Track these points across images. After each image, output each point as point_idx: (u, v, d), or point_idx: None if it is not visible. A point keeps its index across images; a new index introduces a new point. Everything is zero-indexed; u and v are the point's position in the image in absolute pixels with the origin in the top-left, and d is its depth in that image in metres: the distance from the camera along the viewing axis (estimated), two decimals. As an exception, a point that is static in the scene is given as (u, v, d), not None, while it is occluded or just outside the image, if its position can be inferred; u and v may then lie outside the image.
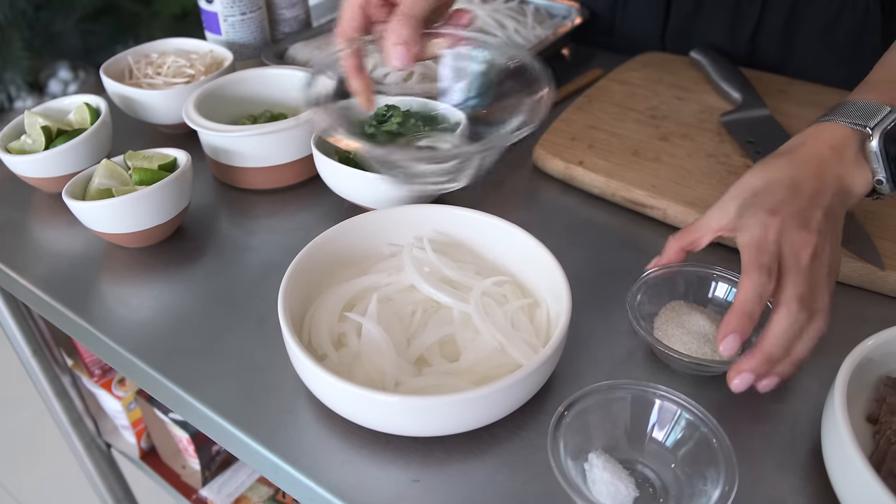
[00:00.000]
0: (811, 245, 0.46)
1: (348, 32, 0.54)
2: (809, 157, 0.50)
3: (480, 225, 0.55)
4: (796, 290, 0.45)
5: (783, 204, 0.47)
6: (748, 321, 0.45)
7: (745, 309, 0.45)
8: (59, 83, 2.21)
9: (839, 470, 0.40)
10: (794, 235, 0.46)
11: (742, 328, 0.45)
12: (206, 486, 0.90)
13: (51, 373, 0.88)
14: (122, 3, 2.20)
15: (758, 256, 0.46)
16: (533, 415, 0.48)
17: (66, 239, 0.65)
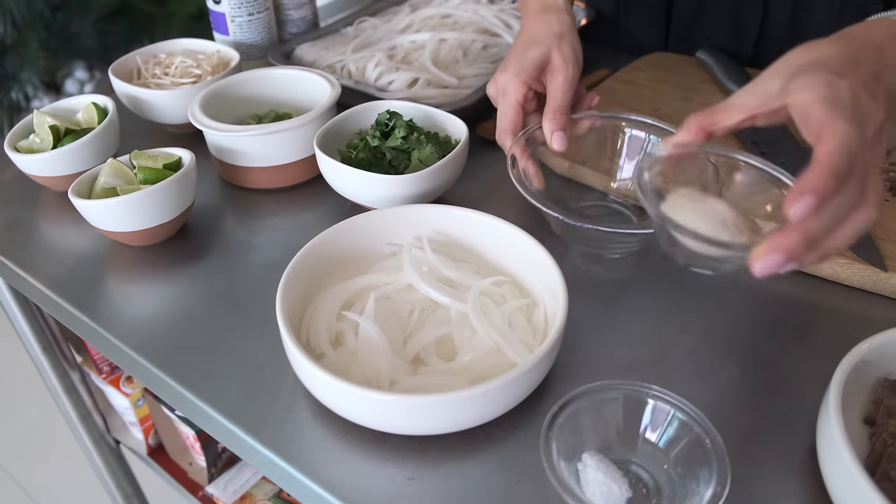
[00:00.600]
0: (878, 118, 0.40)
1: (512, 129, 0.62)
2: (866, 41, 0.44)
3: (479, 225, 0.56)
4: (858, 165, 0.38)
5: (847, 71, 0.41)
6: (833, 180, 0.36)
7: (831, 162, 0.36)
8: (76, 83, 2.24)
9: (833, 472, 0.40)
10: (866, 102, 0.39)
11: (825, 187, 0.36)
12: (213, 483, 0.91)
13: (60, 369, 0.90)
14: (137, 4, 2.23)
15: (838, 108, 0.38)
16: (528, 414, 0.48)
17: (73, 237, 0.66)
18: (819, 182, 0.36)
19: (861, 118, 0.39)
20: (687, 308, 0.56)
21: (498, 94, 0.63)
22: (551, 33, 0.63)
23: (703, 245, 0.42)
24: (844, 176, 0.37)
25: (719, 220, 0.43)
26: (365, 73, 0.79)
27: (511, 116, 0.62)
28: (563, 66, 0.61)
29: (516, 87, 0.61)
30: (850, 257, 0.56)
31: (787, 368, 0.51)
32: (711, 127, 0.44)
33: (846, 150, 0.37)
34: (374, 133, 0.64)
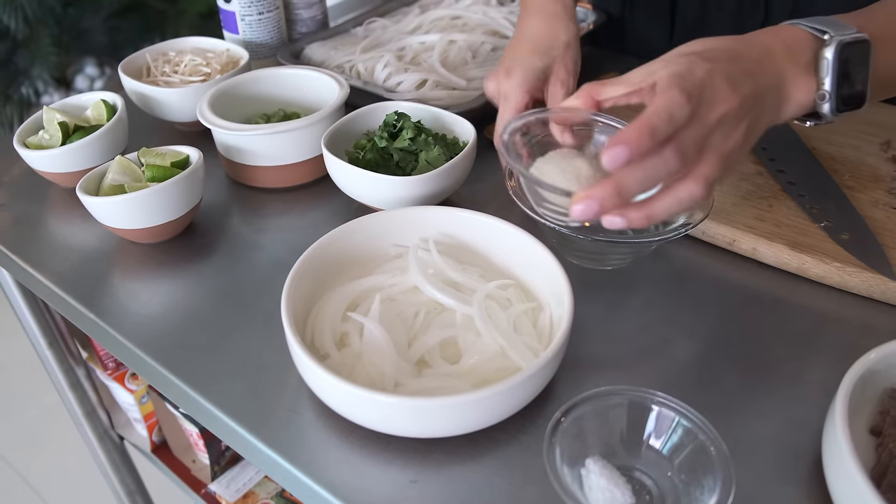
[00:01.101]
0: (728, 104, 0.42)
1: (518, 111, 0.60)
2: (759, 44, 0.47)
3: (486, 227, 0.55)
4: (686, 137, 0.41)
5: (718, 60, 0.44)
6: (648, 137, 0.39)
7: (649, 122, 0.39)
8: (86, 79, 2.25)
9: (839, 483, 0.40)
10: (718, 88, 0.42)
11: (638, 141, 0.39)
12: (216, 481, 0.91)
13: (65, 365, 0.90)
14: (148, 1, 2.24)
15: (680, 81, 0.41)
16: (532, 419, 0.48)
17: (81, 233, 0.67)
18: (632, 136, 0.39)
19: (706, 99, 0.42)
20: (692, 314, 0.56)
21: (499, 96, 0.62)
22: (559, 44, 0.62)
23: (552, 196, 0.46)
24: (662, 140, 0.40)
25: (574, 175, 0.47)
26: (374, 74, 0.79)
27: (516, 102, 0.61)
28: (566, 78, 0.61)
29: (520, 96, 0.61)
30: (859, 266, 0.56)
31: (792, 377, 0.51)
32: (598, 96, 0.47)
33: (667, 115, 0.40)
34: (381, 134, 0.64)
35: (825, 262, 0.57)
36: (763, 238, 0.59)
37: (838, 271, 0.56)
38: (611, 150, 0.39)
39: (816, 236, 0.59)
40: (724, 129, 0.43)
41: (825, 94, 0.47)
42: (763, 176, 0.66)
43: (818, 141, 0.71)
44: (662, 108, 0.40)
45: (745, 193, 0.64)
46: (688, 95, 0.41)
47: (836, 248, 0.58)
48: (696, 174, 0.42)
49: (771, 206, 0.62)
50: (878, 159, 0.69)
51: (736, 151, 0.44)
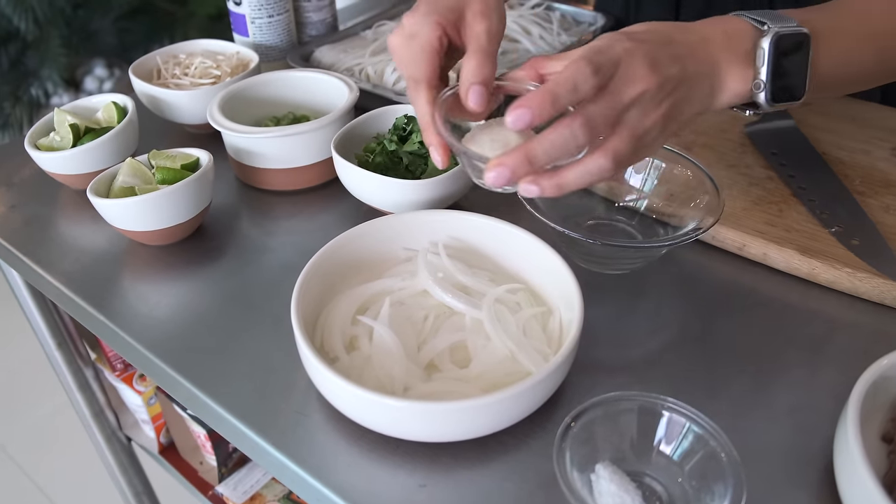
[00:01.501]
0: (645, 84, 0.43)
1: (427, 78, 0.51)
2: (698, 31, 0.47)
3: (495, 231, 0.55)
4: (594, 111, 0.41)
5: (645, 42, 0.44)
6: (549, 103, 0.40)
7: (551, 88, 0.40)
8: (95, 80, 2.26)
9: (851, 490, 0.39)
10: (636, 66, 0.43)
11: (537, 106, 0.40)
12: (223, 483, 0.91)
13: (74, 366, 0.90)
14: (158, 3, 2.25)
15: (593, 54, 0.42)
16: (541, 423, 0.48)
17: (91, 235, 0.67)
18: (535, 101, 0.40)
19: (620, 76, 0.42)
20: (702, 319, 0.55)
21: (403, 40, 0.51)
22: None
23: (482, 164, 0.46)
24: (563, 107, 0.41)
25: (502, 145, 0.47)
26: (383, 77, 0.79)
27: (426, 61, 0.50)
28: (486, 12, 0.50)
29: (429, 28, 0.50)
30: (870, 271, 0.55)
31: (803, 383, 0.51)
32: (542, 69, 0.48)
33: (571, 84, 0.40)
34: (391, 137, 0.64)
35: (836, 267, 0.56)
36: (773, 243, 0.59)
37: (849, 277, 0.56)
38: (513, 112, 0.40)
39: (827, 241, 0.59)
40: (640, 107, 0.43)
41: (760, 83, 0.47)
42: (773, 181, 0.66)
43: (829, 146, 0.71)
44: (567, 78, 0.41)
45: (755, 198, 0.64)
46: (595, 68, 0.41)
47: (847, 254, 0.57)
48: (605, 148, 0.43)
49: (781, 211, 0.62)
50: (890, 164, 0.68)
51: (653, 131, 0.44)
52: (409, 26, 0.51)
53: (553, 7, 0.94)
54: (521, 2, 0.95)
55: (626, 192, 0.64)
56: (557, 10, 0.94)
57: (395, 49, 0.52)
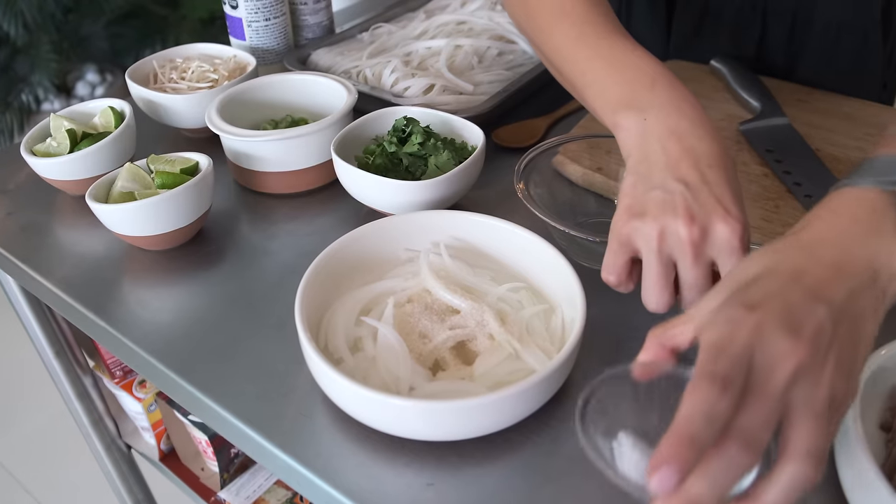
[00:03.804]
0: (795, 358, 0.34)
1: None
2: (823, 236, 0.39)
3: (496, 231, 0.56)
4: (746, 423, 0.32)
5: (769, 298, 0.35)
6: (688, 448, 0.32)
7: (684, 431, 0.32)
8: (87, 86, 2.25)
9: (852, 478, 0.40)
10: (774, 341, 0.34)
11: (679, 456, 0.31)
12: (225, 489, 0.90)
13: (72, 374, 0.90)
14: (149, 7, 2.24)
15: (714, 362, 0.34)
16: (546, 420, 0.48)
17: (89, 241, 0.67)
18: (670, 451, 0.32)
19: (759, 366, 0.34)
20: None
21: (730, 250, 0.44)
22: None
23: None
24: (706, 445, 0.32)
25: None
26: (381, 79, 0.79)
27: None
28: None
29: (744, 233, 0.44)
30: (868, 266, 0.56)
31: (805, 377, 0.51)
32: (671, 342, 0.39)
33: (704, 418, 0.32)
34: (391, 139, 0.65)
35: (834, 262, 0.57)
36: (771, 238, 0.59)
37: (847, 271, 0.56)
38: (656, 477, 0.32)
39: (824, 237, 0.59)
40: (803, 385, 0.34)
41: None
42: (769, 178, 0.67)
43: (822, 143, 0.71)
44: (698, 409, 0.32)
45: (752, 195, 0.64)
46: (722, 385, 0.33)
47: (845, 249, 0.58)
48: (792, 454, 0.33)
49: (778, 207, 0.63)
50: (884, 160, 0.69)
51: (837, 392, 0.34)
52: (740, 241, 0.43)
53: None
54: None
55: None
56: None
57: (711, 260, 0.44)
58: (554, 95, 0.84)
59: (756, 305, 0.35)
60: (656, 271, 0.45)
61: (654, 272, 0.45)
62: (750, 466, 0.33)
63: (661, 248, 0.44)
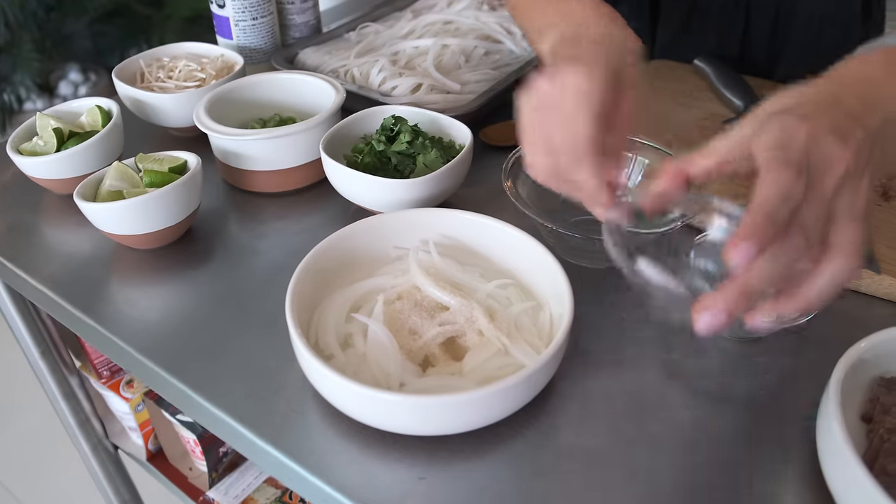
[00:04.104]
0: (844, 162, 0.37)
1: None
2: (854, 77, 0.42)
3: (484, 228, 0.56)
4: (805, 215, 0.36)
5: (816, 114, 0.38)
6: (767, 225, 0.35)
7: (766, 210, 0.35)
8: (70, 85, 2.23)
9: (833, 467, 0.41)
10: (827, 147, 0.37)
11: (759, 233, 0.35)
12: (213, 488, 0.90)
13: (59, 374, 0.89)
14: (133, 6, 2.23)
15: (784, 152, 0.36)
16: (536, 414, 0.49)
17: (76, 240, 0.67)
18: (753, 228, 0.35)
19: (815, 165, 0.37)
20: (689, 310, 0.57)
21: (565, 93, 0.45)
22: (625, 48, 0.49)
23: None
24: (782, 225, 0.36)
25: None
26: (368, 79, 0.80)
27: (600, 124, 0.44)
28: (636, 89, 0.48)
29: (605, 91, 0.45)
30: (848, 261, 0.57)
31: (785, 367, 0.52)
32: (691, 169, 0.41)
33: (782, 197, 0.35)
34: (379, 138, 0.65)
35: (815, 257, 0.58)
36: (754, 235, 0.60)
37: (828, 266, 0.58)
38: (737, 250, 0.35)
39: (806, 233, 0.61)
40: (848, 189, 0.37)
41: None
42: (752, 175, 0.68)
43: (804, 140, 0.72)
44: (775, 191, 0.35)
45: (736, 193, 0.65)
46: (797, 169, 0.36)
47: (825, 244, 0.59)
48: (839, 247, 0.37)
49: (761, 204, 0.64)
50: (863, 157, 0.70)
51: (868, 203, 0.38)
52: (576, 80, 0.44)
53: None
54: (502, 3, 0.96)
55: None
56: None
57: (551, 101, 0.45)
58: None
59: (806, 117, 0.38)
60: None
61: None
62: (797, 258, 0.36)
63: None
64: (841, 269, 0.37)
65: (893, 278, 0.56)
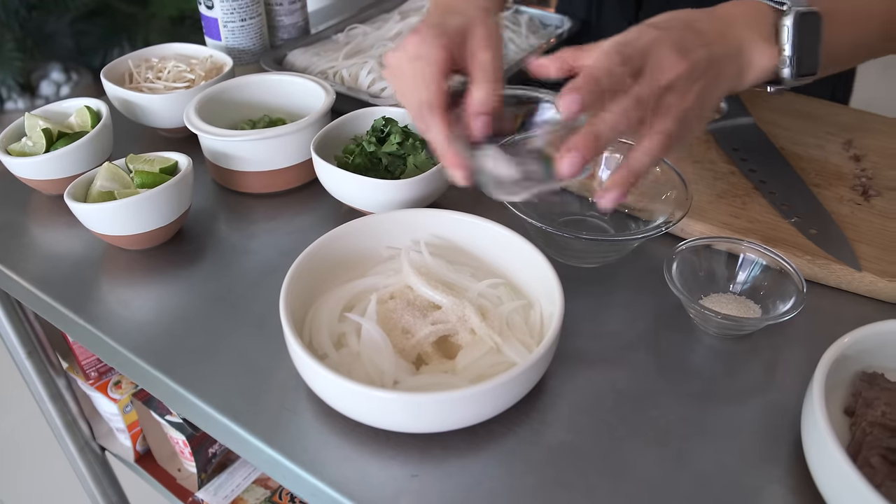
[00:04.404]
0: (677, 70, 0.46)
1: (440, 103, 0.51)
2: (720, 15, 0.51)
3: (475, 228, 0.57)
4: (640, 91, 0.45)
5: (670, 30, 0.48)
6: (593, 85, 0.44)
7: (590, 74, 0.44)
8: (52, 84, 2.21)
9: (818, 460, 0.42)
10: (665, 54, 0.46)
11: (585, 89, 0.43)
12: (203, 489, 0.90)
13: (45, 375, 0.89)
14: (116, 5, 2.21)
15: (621, 46, 0.46)
16: (527, 411, 0.49)
17: (66, 241, 0.66)
18: (579, 83, 0.44)
19: (652, 64, 0.46)
20: (673, 308, 0.58)
21: (408, 62, 0.52)
22: (476, 5, 0.55)
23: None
24: (602, 91, 0.45)
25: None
26: (358, 80, 0.80)
27: (437, 84, 0.51)
28: (490, 39, 0.53)
29: (438, 50, 0.51)
30: (827, 258, 0.59)
31: (769, 363, 0.54)
32: (574, 61, 0.49)
33: (606, 70, 0.44)
34: (369, 139, 0.66)
35: (797, 255, 0.59)
36: (739, 234, 0.62)
37: (809, 264, 0.59)
38: (565, 98, 0.44)
39: (787, 231, 0.62)
40: (676, 91, 0.46)
41: (786, 59, 0.51)
42: (736, 175, 0.69)
43: (785, 141, 0.74)
44: (601, 66, 0.45)
45: (720, 192, 0.67)
46: (623, 58, 0.45)
47: (806, 243, 0.61)
48: (657, 130, 0.47)
49: (744, 203, 0.65)
50: (841, 158, 0.72)
51: (692, 111, 0.47)
52: (414, 47, 0.51)
53: (521, 11, 0.97)
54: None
55: (598, 188, 0.66)
56: (525, 14, 0.96)
57: (399, 71, 0.53)
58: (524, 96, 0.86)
59: (657, 26, 0.48)
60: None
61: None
62: (634, 123, 0.46)
63: None
64: (656, 146, 0.47)
65: (874, 276, 0.57)
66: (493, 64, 0.52)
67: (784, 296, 0.54)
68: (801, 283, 0.53)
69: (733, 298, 0.56)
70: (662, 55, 0.46)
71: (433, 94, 0.51)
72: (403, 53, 0.52)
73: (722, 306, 0.55)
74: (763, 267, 0.56)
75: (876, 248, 0.60)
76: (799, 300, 0.52)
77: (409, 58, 0.51)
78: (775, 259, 0.56)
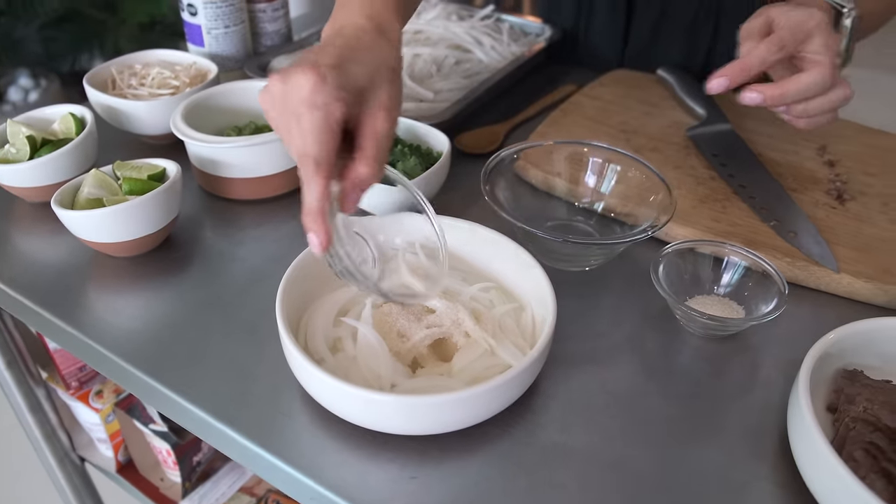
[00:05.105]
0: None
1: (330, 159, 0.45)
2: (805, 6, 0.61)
3: (466, 233, 0.58)
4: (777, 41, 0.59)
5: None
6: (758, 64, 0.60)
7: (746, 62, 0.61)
8: (20, 90, 2.17)
9: (805, 455, 0.44)
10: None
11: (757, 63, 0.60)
12: (187, 498, 0.90)
13: (25, 386, 0.87)
14: (86, 11, 2.17)
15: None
16: (522, 413, 0.50)
17: (52, 248, 0.66)
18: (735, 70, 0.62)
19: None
20: (660, 310, 0.59)
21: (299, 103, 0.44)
22: (386, 64, 0.48)
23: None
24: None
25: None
26: (343, 86, 0.80)
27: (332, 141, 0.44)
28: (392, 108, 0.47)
29: (338, 107, 0.44)
30: (806, 260, 0.61)
31: (753, 362, 0.55)
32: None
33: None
34: (358, 145, 0.66)
35: (777, 257, 0.61)
36: (721, 238, 0.63)
37: (789, 266, 0.61)
38: (717, 78, 0.62)
39: (767, 234, 0.64)
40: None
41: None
42: (716, 180, 0.71)
43: (763, 147, 0.76)
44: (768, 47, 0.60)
45: (701, 196, 0.68)
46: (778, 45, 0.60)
47: (785, 245, 0.63)
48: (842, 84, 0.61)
49: (725, 208, 0.67)
50: (816, 163, 0.75)
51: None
52: (310, 93, 0.43)
53: (502, 19, 0.98)
54: (471, 13, 0.98)
55: (584, 193, 0.68)
56: (506, 22, 0.98)
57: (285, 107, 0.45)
58: (511, 103, 0.87)
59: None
60: None
61: None
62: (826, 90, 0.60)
63: None
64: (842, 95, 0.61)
65: (851, 277, 0.59)
66: (389, 140, 0.47)
67: (767, 297, 0.56)
68: (783, 284, 0.55)
69: (718, 300, 0.58)
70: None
71: (324, 154, 0.44)
72: (296, 91, 0.44)
73: (707, 307, 0.57)
74: (746, 269, 0.58)
75: (852, 250, 0.62)
76: (781, 301, 0.54)
77: (302, 101, 0.44)
78: (758, 262, 0.57)
